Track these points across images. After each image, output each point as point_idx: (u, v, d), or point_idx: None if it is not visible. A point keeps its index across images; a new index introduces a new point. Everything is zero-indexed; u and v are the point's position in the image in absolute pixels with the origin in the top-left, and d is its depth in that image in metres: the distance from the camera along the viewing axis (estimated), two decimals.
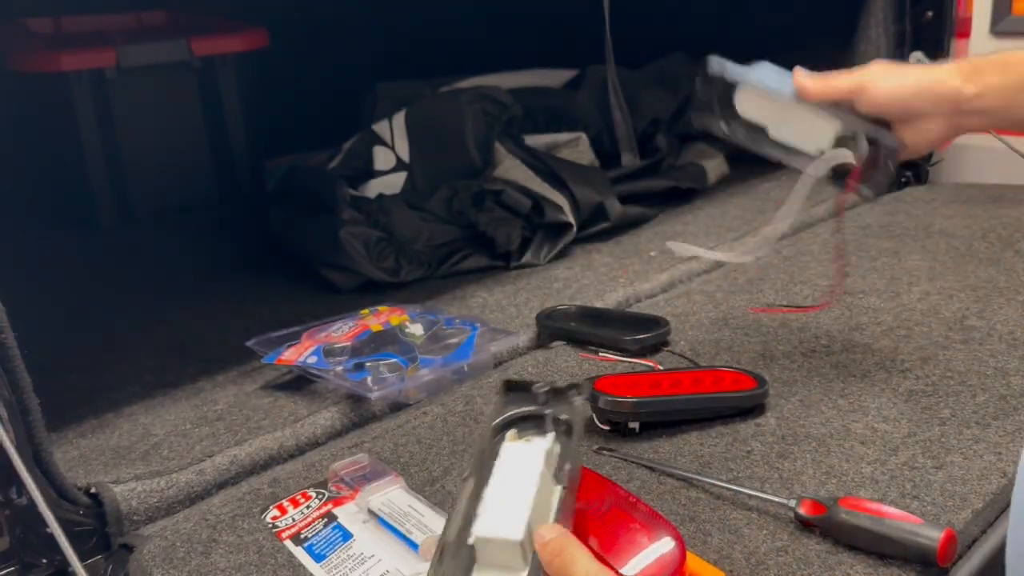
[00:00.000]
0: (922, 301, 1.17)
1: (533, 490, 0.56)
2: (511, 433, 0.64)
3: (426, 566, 0.71)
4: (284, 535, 0.79)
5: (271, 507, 0.83)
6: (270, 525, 0.81)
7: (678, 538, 0.65)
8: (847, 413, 0.92)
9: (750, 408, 0.93)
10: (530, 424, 0.64)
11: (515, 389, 0.67)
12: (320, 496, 0.84)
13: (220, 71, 1.86)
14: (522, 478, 0.58)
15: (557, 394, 0.65)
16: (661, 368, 1.04)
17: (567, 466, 0.60)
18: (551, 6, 2.01)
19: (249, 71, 1.89)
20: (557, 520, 0.57)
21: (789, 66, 0.89)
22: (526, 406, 0.65)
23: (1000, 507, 0.76)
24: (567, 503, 0.59)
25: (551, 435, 0.62)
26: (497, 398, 0.66)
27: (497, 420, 0.64)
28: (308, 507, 0.83)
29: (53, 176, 1.82)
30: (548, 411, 0.64)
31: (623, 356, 1.07)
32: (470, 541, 0.55)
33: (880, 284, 1.24)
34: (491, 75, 1.85)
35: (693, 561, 0.70)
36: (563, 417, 0.63)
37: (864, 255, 1.35)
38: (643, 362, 1.06)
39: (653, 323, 1.12)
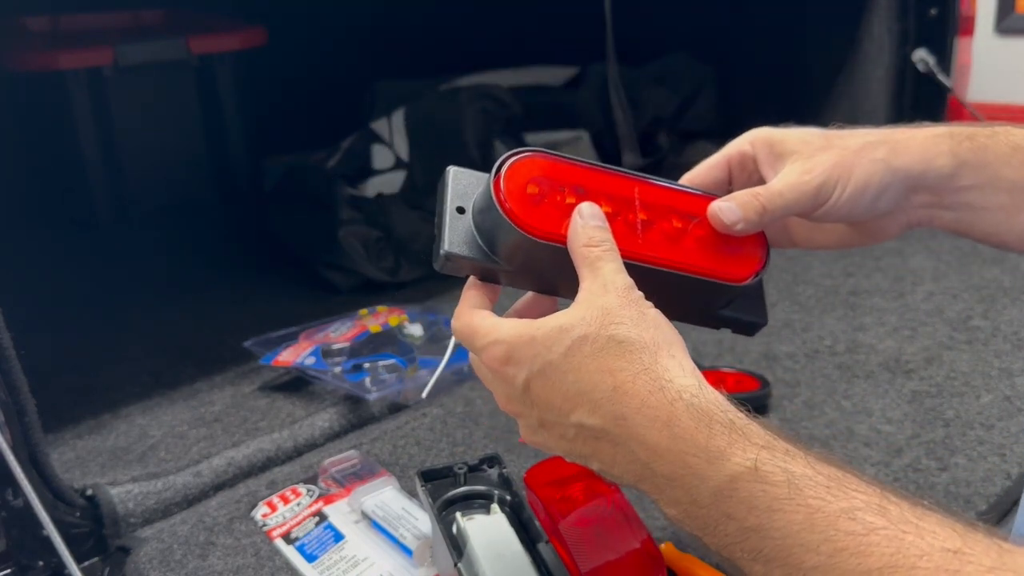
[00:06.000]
0: (926, 301, 1.17)
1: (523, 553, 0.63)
2: (459, 514, 0.68)
3: (419, 572, 0.70)
4: (274, 534, 0.79)
5: (260, 503, 0.83)
6: (260, 523, 0.80)
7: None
8: (851, 414, 0.91)
9: (753, 410, 0.93)
10: (469, 503, 0.71)
11: (434, 477, 0.72)
12: (311, 493, 0.83)
13: (218, 70, 1.85)
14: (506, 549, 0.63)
15: (474, 470, 0.72)
16: None
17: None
18: (552, 4, 1.99)
19: (247, 70, 1.88)
20: None
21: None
22: (452, 488, 0.71)
23: (1004, 509, 0.75)
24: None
25: (494, 507, 0.69)
26: (421, 489, 0.71)
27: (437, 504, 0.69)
28: (299, 504, 0.82)
29: (50, 175, 1.81)
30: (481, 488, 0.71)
31: None
32: None
33: (884, 284, 1.23)
34: (491, 73, 1.84)
35: (695, 564, 0.69)
36: (507, 497, 0.70)
37: (868, 255, 1.34)
38: None
39: None
